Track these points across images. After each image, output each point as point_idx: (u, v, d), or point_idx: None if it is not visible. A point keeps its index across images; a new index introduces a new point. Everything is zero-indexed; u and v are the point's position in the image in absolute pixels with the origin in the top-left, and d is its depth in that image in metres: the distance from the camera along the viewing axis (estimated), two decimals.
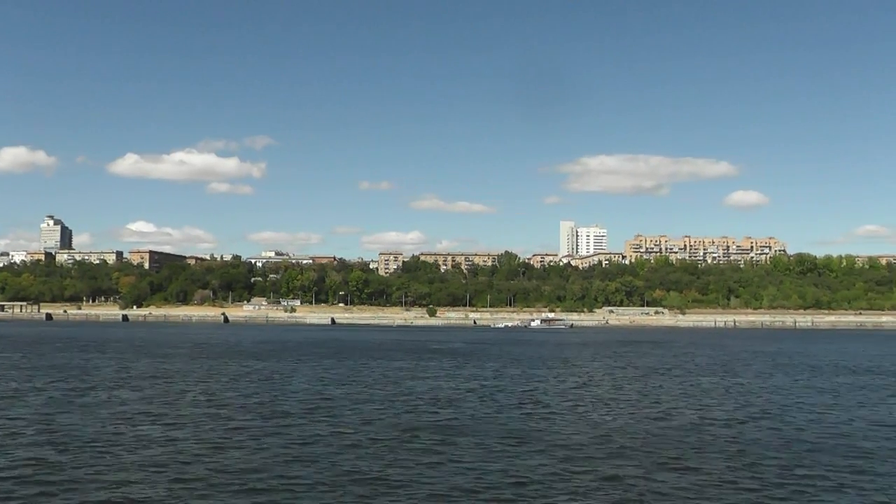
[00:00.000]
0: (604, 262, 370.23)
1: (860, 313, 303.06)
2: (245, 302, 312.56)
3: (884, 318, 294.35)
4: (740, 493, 23.04)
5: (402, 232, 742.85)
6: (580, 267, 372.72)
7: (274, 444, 29.31)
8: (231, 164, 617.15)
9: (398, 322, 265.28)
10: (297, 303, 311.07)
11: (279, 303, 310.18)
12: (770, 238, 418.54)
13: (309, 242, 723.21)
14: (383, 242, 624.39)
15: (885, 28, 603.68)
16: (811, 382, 59.74)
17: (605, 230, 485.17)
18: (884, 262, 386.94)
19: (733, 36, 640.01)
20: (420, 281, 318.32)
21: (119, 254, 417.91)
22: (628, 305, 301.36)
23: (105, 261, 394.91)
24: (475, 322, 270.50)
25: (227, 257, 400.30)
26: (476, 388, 51.41)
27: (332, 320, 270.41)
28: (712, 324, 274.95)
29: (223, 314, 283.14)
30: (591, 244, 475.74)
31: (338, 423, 35.21)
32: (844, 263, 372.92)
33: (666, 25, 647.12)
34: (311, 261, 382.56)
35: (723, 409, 42.14)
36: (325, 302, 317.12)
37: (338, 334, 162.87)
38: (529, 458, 27.22)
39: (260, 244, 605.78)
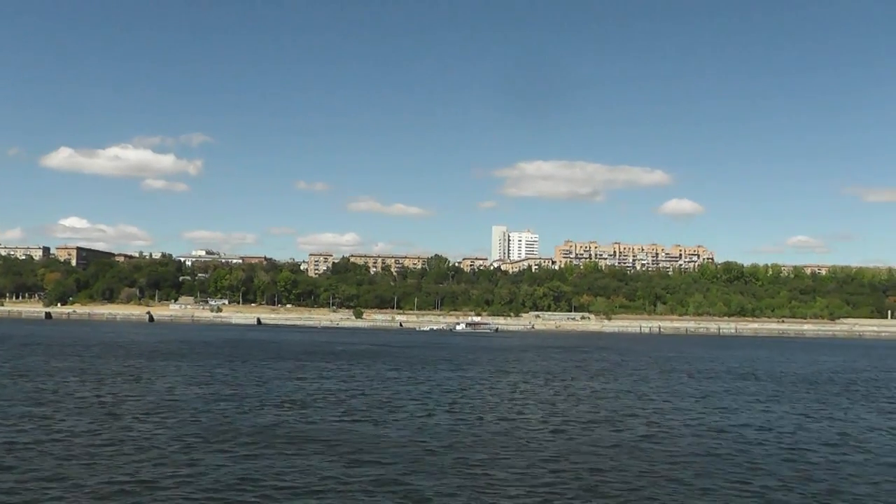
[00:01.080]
0: (533, 267, 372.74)
1: (783, 321, 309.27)
2: (172, 301, 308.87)
3: (805, 326, 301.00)
4: (515, 492, 23.44)
5: (338, 233, 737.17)
6: (510, 271, 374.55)
7: (73, 445, 28.97)
8: (167, 161, 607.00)
9: (324, 323, 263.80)
10: (225, 302, 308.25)
11: (206, 302, 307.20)
12: (699, 246, 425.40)
13: (244, 242, 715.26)
14: (319, 243, 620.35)
15: (816, 44, 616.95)
16: (682, 387, 60.87)
17: (536, 235, 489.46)
18: (809, 271, 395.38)
19: (671, 48, 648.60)
20: (348, 282, 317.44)
21: (46, 249, 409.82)
22: (556, 310, 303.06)
23: (31, 256, 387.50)
24: (401, 324, 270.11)
25: (157, 255, 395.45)
26: (337, 391, 51.35)
27: (258, 320, 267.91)
28: (637, 329, 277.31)
29: (148, 313, 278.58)
30: (523, 249, 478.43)
31: (163, 424, 34.92)
32: (770, 272, 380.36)
33: (602, 35, 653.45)
34: (240, 260, 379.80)
35: (568, 414, 42.83)
36: (254, 302, 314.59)
37: (257, 335, 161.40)
38: (316, 461, 27.32)
39: (195, 243, 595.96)
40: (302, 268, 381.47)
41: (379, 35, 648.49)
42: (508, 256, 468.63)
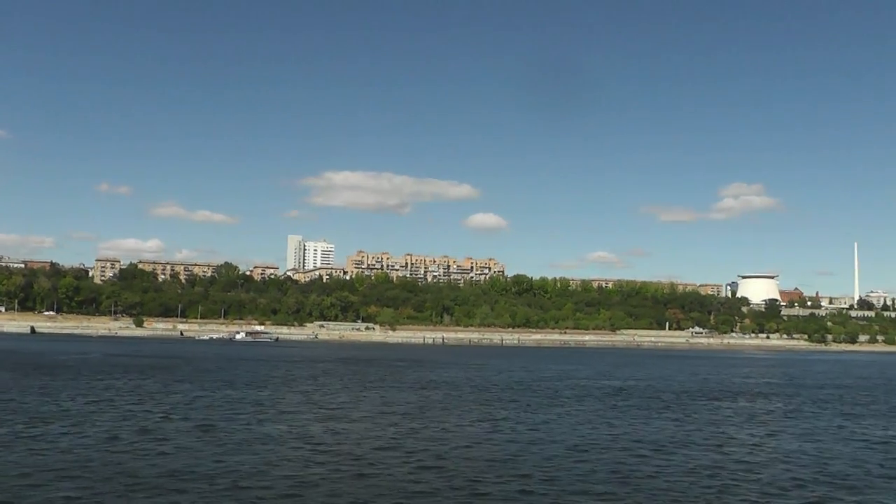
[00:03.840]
0: (325, 277, 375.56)
1: (566, 332, 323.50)
2: None
3: (587, 337, 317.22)
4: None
5: (140, 239, 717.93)
6: (301, 281, 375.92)
7: None
8: None
9: (101, 332, 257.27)
10: (1, 310, 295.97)
11: None
12: (490, 259, 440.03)
13: (42, 246, 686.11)
14: (121, 249, 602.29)
15: (619, 69, 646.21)
16: (352, 397, 63.74)
17: (332, 245, 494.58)
18: (596, 285, 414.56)
19: (480, 63, 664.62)
20: (133, 290, 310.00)
21: None
22: (343, 320, 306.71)
23: None
24: (182, 333, 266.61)
25: None
26: None
27: (32, 329, 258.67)
28: (422, 340, 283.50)
29: None
30: (319, 259, 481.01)
31: None
32: (559, 285, 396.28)
33: (422, 52, 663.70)
34: (23, 265, 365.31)
35: (225, 421, 46.20)
36: (33, 309, 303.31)
37: (13, 344, 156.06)
38: None
39: None
40: (90, 274, 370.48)
41: (187, 35, 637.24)
42: (303, 266, 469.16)
